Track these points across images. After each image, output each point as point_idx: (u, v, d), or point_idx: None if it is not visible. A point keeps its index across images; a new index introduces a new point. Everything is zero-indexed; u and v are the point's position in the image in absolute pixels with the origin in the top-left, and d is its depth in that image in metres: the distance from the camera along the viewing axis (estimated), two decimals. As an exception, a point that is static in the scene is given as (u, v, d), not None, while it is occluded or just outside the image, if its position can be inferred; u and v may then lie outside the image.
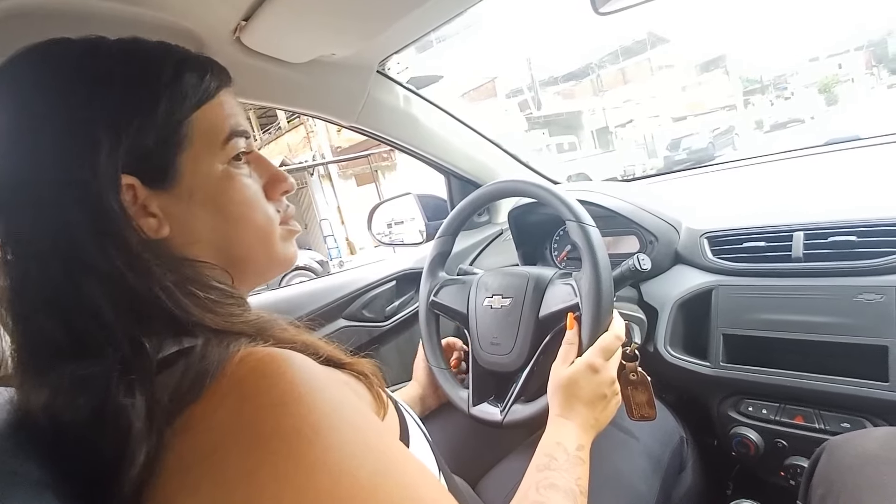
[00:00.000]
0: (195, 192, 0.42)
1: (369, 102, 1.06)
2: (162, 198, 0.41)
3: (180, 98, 0.41)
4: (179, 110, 0.41)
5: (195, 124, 0.42)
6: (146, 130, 0.39)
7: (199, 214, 0.43)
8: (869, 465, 0.53)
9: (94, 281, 0.36)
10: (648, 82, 27.90)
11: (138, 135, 0.39)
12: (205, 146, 0.43)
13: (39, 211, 0.37)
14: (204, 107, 0.43)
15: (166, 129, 0.41)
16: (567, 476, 0.55)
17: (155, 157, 0.40)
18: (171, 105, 0.41)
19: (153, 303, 0.37)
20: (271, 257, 0.48)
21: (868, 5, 35.46)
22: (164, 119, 0.40)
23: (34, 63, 0.40)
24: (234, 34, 0.77)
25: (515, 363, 0.76)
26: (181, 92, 0.41)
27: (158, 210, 0.41)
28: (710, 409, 0.89)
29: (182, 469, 0.31)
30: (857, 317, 0.71)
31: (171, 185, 0.41)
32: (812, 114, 20.38)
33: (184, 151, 0.41)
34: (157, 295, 0.37)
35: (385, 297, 1.23)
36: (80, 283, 0.36)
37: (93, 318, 0.36)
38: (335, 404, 0.34)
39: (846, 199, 0.86)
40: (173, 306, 0.37)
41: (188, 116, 0.42)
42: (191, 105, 0.42)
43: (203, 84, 0.43)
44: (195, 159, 0.42)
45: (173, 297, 0.38)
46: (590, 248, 0.69)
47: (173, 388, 0.33)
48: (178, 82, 0.42)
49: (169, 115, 0.41)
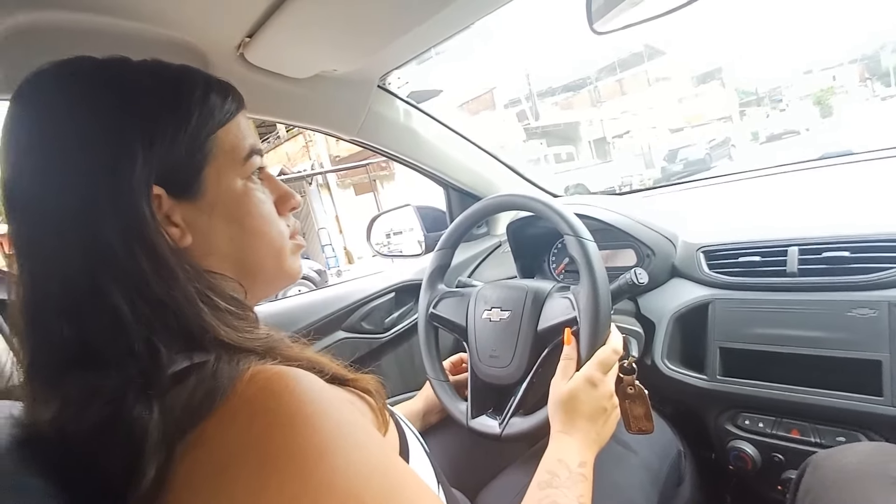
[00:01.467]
0: (217, 205, 0.44)
1: (370, 116, 1.08)
2: (185, 209, 0.42)
3: (208, 115, 0.44)
4: (207, 126, 0.44)
5: (219, 141, 0.45)
6: (177, 144, 0.41)
7: (219, 226, 0.44)
8: (849, 479, 0.54)
9: (120, 285, 0.37)
10: (646, 94, 28.13)
11: (170, 147, 0.41)
12: (227, 162, 0.45)
13: (68, 217, 0.37)
14: (227, 125, 0.45)
15: (195, 143, 0.43)
16: (569, 494, 0.55)
17: (182, 169, 0.42)
18: (200, 121, 0.43)
19: (172, 312, 0.38)
20: (281, 269, 0.50)
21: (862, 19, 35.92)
22: (194, 134, 0.43)
23: (65, 77, 0.41)
24: (238, 50, 0.79)
25: (514, 376, 0.76)
26: (209, 109, 0.44)
27: (181, 220, 0.42)
28: (707, 423, 0.90)
29: (191, 486, 0.32)
30: (850, 331, 0.71)
31: (194, 198, 0.43)
32: (807, 125, 20.57)
33: (208, 165, 0.44)
34: (179, 303, 0.38)
35: (384, 309, 1.23)
36: (104, 287, 0.36)
37: (111, 325, 0.36)
38: (342, 424, 0.34)
39: (840, 214, 0.88)
40: (192, 315, 0.38)
41: (214, 133, 0.44)
42: (217, 123, 0.45)
43: (227, 105, 0.46)
44: (218, 174, 0.44)
45: (194, 305, 0.39)
46: (587, 263, 0.69)
47: (185, 403, 0.33)
48: (207, 101, 0.44)
49: (198, 130, 0.43)
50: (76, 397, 0.35)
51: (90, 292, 0.37)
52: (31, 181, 0.38)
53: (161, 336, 0.37)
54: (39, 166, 0.38)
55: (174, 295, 0.38)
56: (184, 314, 0.38)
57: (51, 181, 0.38)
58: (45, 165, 0.38)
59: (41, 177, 0.38)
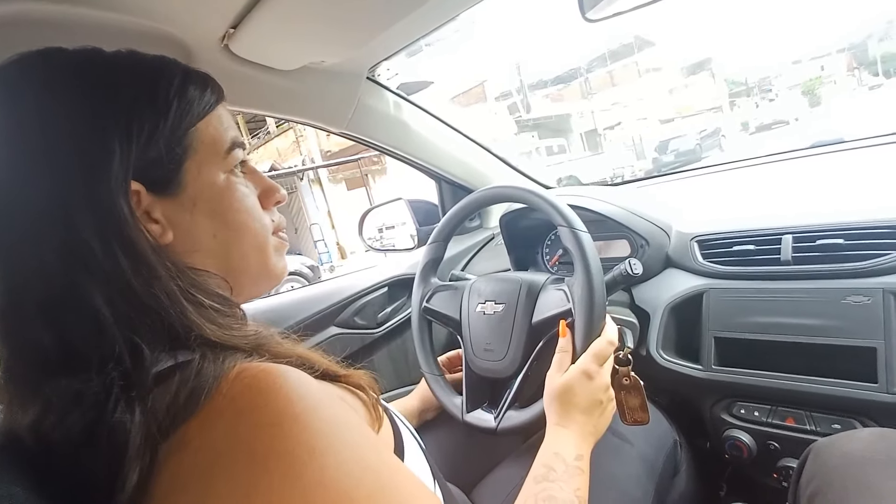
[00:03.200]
0: (198, 200, 0.43)
1: (360, 109, 1.06)
2: (165, 205, 0.41)
3: (187, 108, 0.42)
4: (186, 119, 0.42)
5: (199, 134, 0.43)
6: (155, 138, 0.40)
7: (201, 222, 0.43)
8: (854, 465, 0.54)
9: (99, 286, 0.36)
10: (636, 85, 28.15)
11: (148, 142, 0.40)
12: (208, 155, 0.44)
13: (44, 216, 0.36)
14: (206, 118, 0.44)
15: (174, 137, 0.41)
16: (566, 487, 0.55)
17: (161, 164, 0.41)
18: (179, 114, 0.42)
19: (154, 311, 0.37)
20: (265, 267, 0.49)
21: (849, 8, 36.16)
22: (173, 127, 0.41)
23: (33, 69, 0.39)
24: (222, 42, 0.77)
25: (509, 369, 0.76)
26: (188, 102, 0.43)
27: (162, 217, 0.41)
28: (702, 412, 0.90)
29: (176, 489, 0.31)
30: (845, 319, 0.71)
31: (174, 193, 0.42)
32: (796, 115, 20.69)
33: (188, 160, 0.42)
34: (161, 301, 0.37)
35: (377, 304, 1.22)
36: (83, 288, 0.35)
37: (91, 327, 0.35)
38: (332, 422, 0.33)
39: (833, 201, 0.88)
40: (176, 313, 0.37)
41: (193, 125, 0.43)
42: (196, 115, 0.43)
43: (205, 96, 0.45)
44: (199, 168, 0.43)
45: (177, 303, 0.38)
46: (582, 254, 0.69)
47: (168, 404, 0.32)
48: (185, 93, 0.43)
49: (177, 123, 0.42)
50: (57, 403, 0.33)
51: (68, 294, 0.35)
52: (4, 181, 0.37)
53: (143, 336, 0.36)
54: (11, 164, 0.37)
55: (156, 294, 0.37)
56: (167, 313, 0.37)
57: (24, 180, 0.37)
58: (16, 163, 0.37)
59: (13, 175, 0.37)
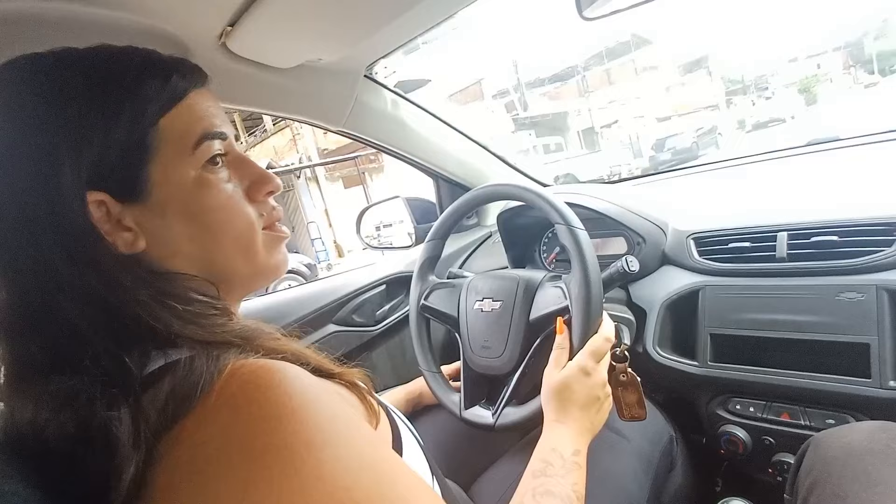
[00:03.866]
0: (169, 202, 0.41)
1: (357, 107, 1.06)
2: (135, 211, 0.40)
3: (142, 105, 0.39)
4: (143, 118, 0.39)
5: (162, 130, 0.40)
6: (109, 143, 0.38)
7: (175, 226, 0.41)
8: (854, 456, 0.54)
9: (70, 301, 0.36)
10: (633, 83, 28.18)
11: (102, 148, 0.38)
12: (174, 153, 0.41)
13: (9, 232, 0.37)
14: (172, 111, 0.41)
15: (130, 138, 0.39)
16: (563, 482, 0.55)
17: (121, 169, 0.39)
18: (133, 113, 0.39)
19: (130, 317, 0.37)
20: (255, 266, 0.46)
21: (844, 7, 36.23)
22: (128, 128, 0.39)
23: (4, 78, 0.39)
24: (220, 40, 0.76)
25: (507, 366, 0.76)
26: (143, 97, 0.40)
27: (133, 224, 0.40)
28: (698, 408, 0.90)
29: (173, 485, 0.31)
30: (839, 315, 0.72)
31: (142, 197, 0.40)
32: (792, 113, 20.75)
33: (152, 161, 0.40)
34: (134, 309, 0.37)
35: (375, 302, 1.22)
36: (55, 303, 0.36)
37: (71, 338, 0.35)
38: (329, 417, 0.33)
39: (828, 199, 0.88)
40: (152, 320, 0.37)
41: (154, 123, 0.40)
42: (155, 110, 0.40)
43: (168, 87, 0.41)
44: (165, 167, 0.40)
45: (151, 310, 0.37)
46: (579, 252, 0.69)
47: (163, 402, 0.32)
48: (140, 87, 0.40)
49: (132, 123, 0.39)
50: (50, 402, 0.34)
51: (44, 308, 0.36)
52: None
53: (124, 341, 0.36)
54: None
55: (126, 302, 0.37)
56: (143, 319, 0.37)
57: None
58: None
59: None
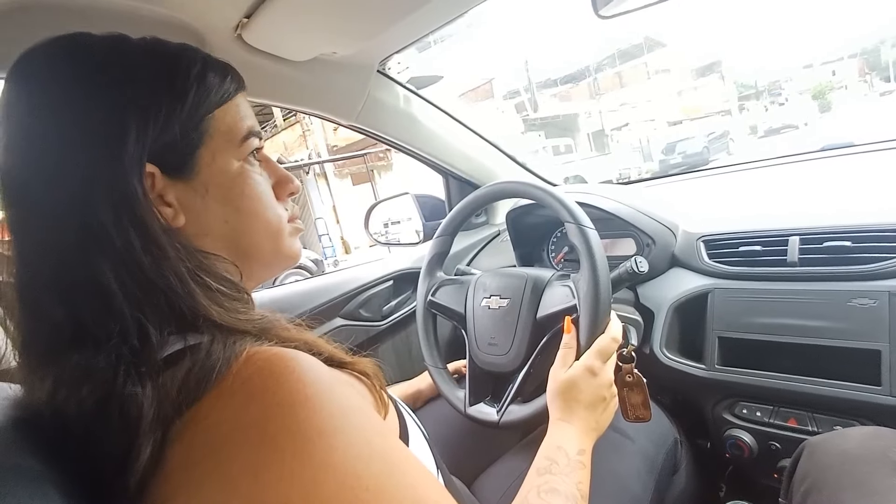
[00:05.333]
0: (211, 185, 0.44)
1: (369, 102, 1.06)
2: (178, 188, 0.42)
3: (205, 94, 0.43)
4: (204, 105, 0.43)
5: (216, 121, 0.44)
6: (172, 121, 0.41)
7: (213, 207, 0.44)
8: (848, 463, 0.54)
9: (110, 264, 0.36)
10: (645, 86, 28.03)
11: (165, 125, 0.40)
12: (224, 142, 0.44)
13: (61, 194, 0.37)
14: (224, 106, 0.45)
15: (190, 122, 0.42)
16: (568, 480, 0.55)
17: (177, 148, 0.42)
18: (197, 100, 0.42)
19: (163, 292, 0.37)
20: (279, 252, 0.49)
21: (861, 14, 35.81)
22: (190, 112, 0.42)
23: (58, 54, 0.40)
24: (236, 31, 0.77)
25: (512, 364, 0.76)
26: (206, 88, 0.43)
27: (174, 200, 0.42)
28: (704, 411, 0.90)
29: (187, 465, 0.31)
30: (850, 321, 0.71)
31: (188, 177, 0.42)
32: (805, 120, 20.53)
33: (204, 145, 0.43)
34: (170, 282, 0.38)
35: (382, 297, 1.23)
36: (95, 266, 0.36)
37: (102, 304, 0.36)
38: (341, 406, 0.34)
39: (841, 204, 0.87)
40: (184, 294, 0.38)
41: (211, 112, 0.44)
42: (214, 102, 0.44)
43: (225, 85, 0.45)
44: (214, 154, 0.44)
45: (185, 285, 0.38)
46: (588, 251, 0.69)
47: (180, 384, 0.33)
48: (204, 80, 0.43)
49: (194, 108, 0.42)
50: (69, 378, 0.34)
51: (80, 271, 0.36)
52: (25, 161, 0.38)
53: (152, 317, 0.36)
54: (34, 145, 0.38)
55: (164, 274, 0.38)
56: (174, 293, 0.38)
57: (45, 160, 0.37)
58: (40, 144, 0.38)
59: (36, 156, 0.38)
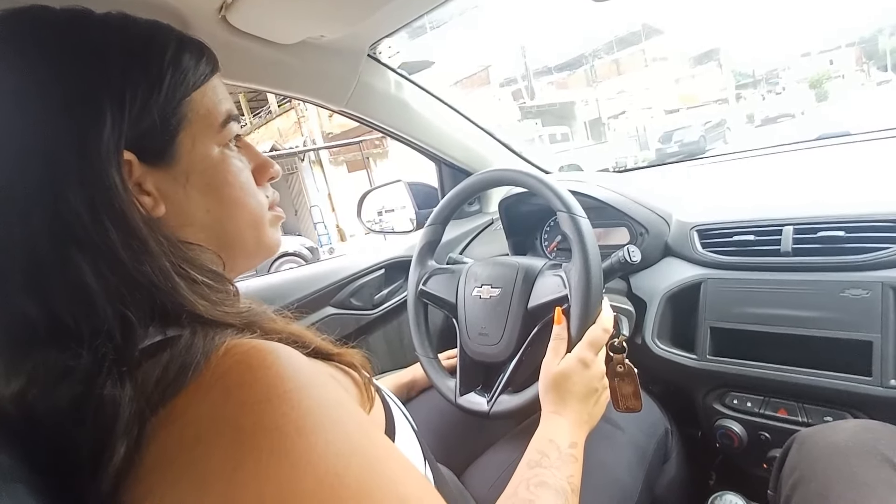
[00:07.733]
0: (192, 173, 0.42)
1: (360, 87, 1.04)
2: (158, 176, 0.40)
3: (182, 76, 0.41)
4: (181, 89, 0.41)
5: (194, 104, 0.42)
6: (149, 106, 0.38)
7: (194, 195, 0.42)
8: (838, 456, 0.54)
9: (87, 258, 0.34)
10: (642, 74, 27.87)
11: (141, 111, 0.38)
12: (203, 127, 0.42)
13: (32, 185, 0.35)
14: (201, 88, 0.42)
15: (168, 106, 0.40)
16: (558, 474, 0.55)
17: (155, 134, 0.39)
18: (173, 83, 0.40)
19: (143, 285, 0.35)
20: (260, 242, 0.48)
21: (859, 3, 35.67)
22: (168, 96, 0.39)
23: (21, 27, 0.37)
24: (220, 13, 0.75)
25: (503, 354, 0.75)
26: (182, 71, 0.41)
27: (154, 189, 0.40)
28: (695, 402, 0.90)
29: (162, 463, 0.30)
30: (843, 312, 0.71)
31: (167, 164, 0.40)
32: (802, 109, 20.49)
33: (183, 131, 0.41)
34: (151, 276, 0.36)
35: (373, 286, 1.22)
36: (71, 260, 0.34)
37: (80, 301, 0.34)
38: (321, 401, 0.33)
39: (836, 194, 0.87)
40: (167, 289, 0.36)
41: (188, 95, 0.41)
42: (190, 86, 0.41)
43: (201, 66, 0.43)
44: (193, 140, 0.42)
45: (168, 278, 0.37)
46: (580, 240, 0.68)
47: (157, 379, 0.32)
48: (180, 61, 0.41)
49: (172, 92, 0.40)
50: (44, 376, 0.33)
51: (56, 266, 0.34)
52: None
53: (133, 312, 0.35)
54: None
55: (146, 268, 0.36)
56: (157, 288, 0.36)
57: (11, 144, 0.35)
58: (3, 126, 0.35)
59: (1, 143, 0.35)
